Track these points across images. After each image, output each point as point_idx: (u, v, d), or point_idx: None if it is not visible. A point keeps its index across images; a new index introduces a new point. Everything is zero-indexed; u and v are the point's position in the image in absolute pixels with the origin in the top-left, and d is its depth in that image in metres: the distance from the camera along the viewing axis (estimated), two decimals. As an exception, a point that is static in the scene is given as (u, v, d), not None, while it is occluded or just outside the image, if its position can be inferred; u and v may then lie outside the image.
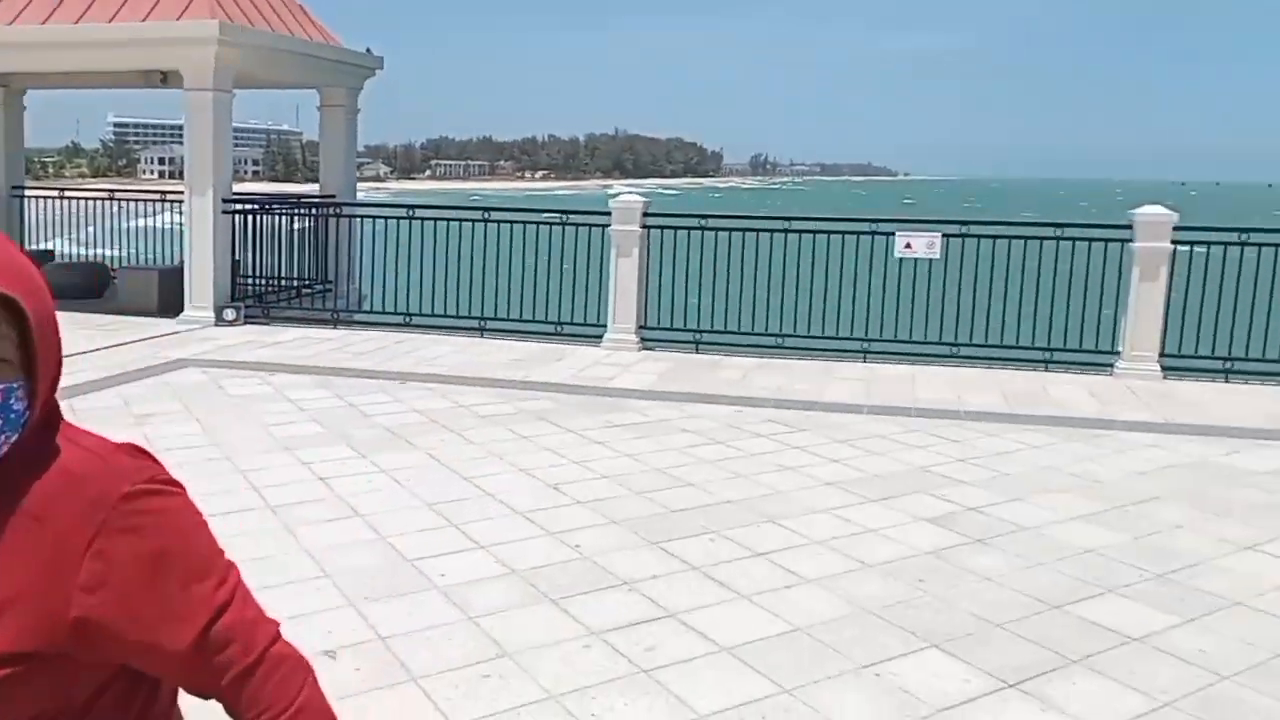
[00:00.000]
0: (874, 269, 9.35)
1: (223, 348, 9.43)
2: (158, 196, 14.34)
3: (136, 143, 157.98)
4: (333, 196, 12.91)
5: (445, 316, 10.59)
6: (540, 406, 7.58)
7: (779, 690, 3.47)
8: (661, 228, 10.08)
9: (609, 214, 10.02)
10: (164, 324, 10.71)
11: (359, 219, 12.39)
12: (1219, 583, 4.50)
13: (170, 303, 11.48)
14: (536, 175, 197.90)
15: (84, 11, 10.89)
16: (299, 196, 12.93)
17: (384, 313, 11.03)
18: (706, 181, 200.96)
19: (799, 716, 3.32)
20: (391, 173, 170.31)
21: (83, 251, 14.84)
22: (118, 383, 7.92)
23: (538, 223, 10.47)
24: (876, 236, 9.44)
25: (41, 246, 14.68)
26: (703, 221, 9.95)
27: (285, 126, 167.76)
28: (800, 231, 9.69)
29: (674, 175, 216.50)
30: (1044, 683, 3.58)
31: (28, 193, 14.79)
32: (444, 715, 3.24)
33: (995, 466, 6.23)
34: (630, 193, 10.20)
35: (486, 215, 10.49)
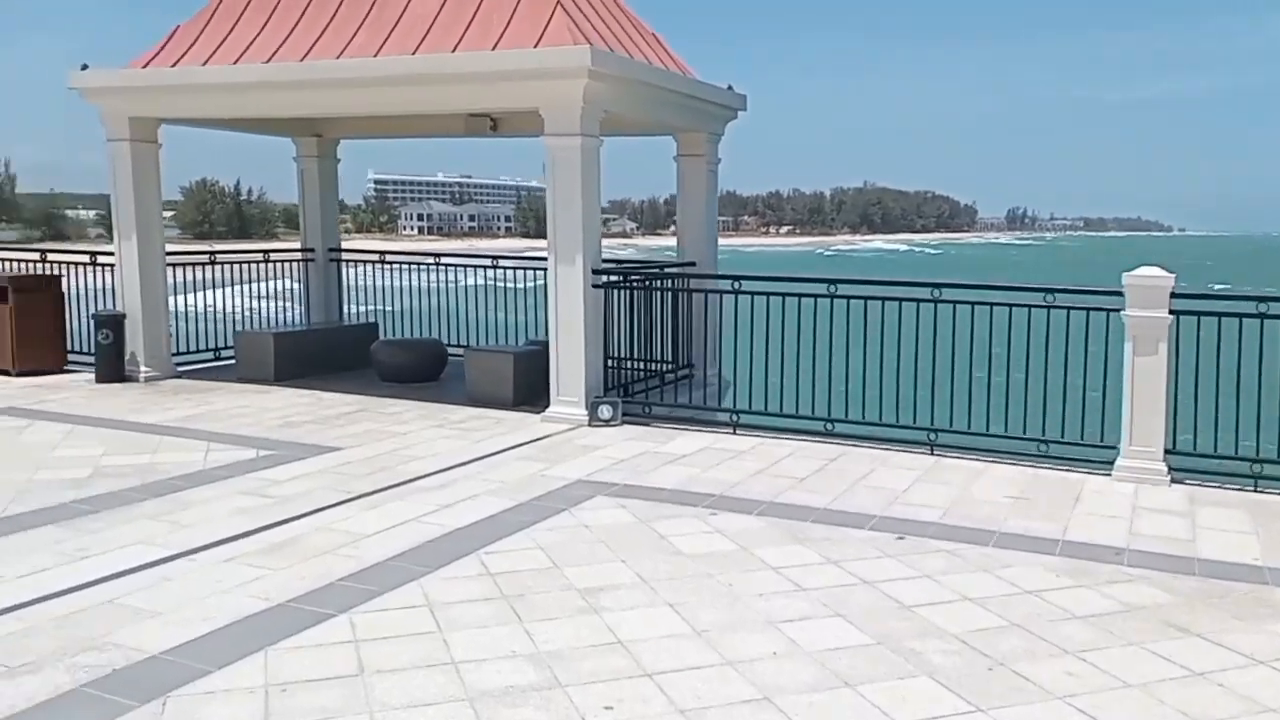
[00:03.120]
0: None
1: (620, 464, 7.33)
2: (489, 262, 12.79)
3: (396, 199, 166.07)
4: (693, 264, 10.87)
5: (879, 425, 8.11)
6: (1145, 597, 4.92)
7: None
8: (1198, 313, 7.26)
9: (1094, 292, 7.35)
10: (528, 422, 8.82)
11: (721, 293, 10.01)
12: None
13: (526, 393, 9.65)
14: (781, 230, 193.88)
15: (419, 42, 9.25)
16: (661, 265, 10.89)
17: (776, 414, 8.59)
18: (961, 237, 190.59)
19: None
20: (638, 228, 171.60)
21: (374, 310, 13.35)
22: (521, 523, 5.85)
23: (992, 304, 7.82)
24: None
25: (346, 315, 13.41)
26: (1263, 307, 7.04)
27: (534, 183, 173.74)
28: None
29: (924, 230, 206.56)
30: None
31: (345, 256, 13.64)
32: None
33: None
34: (1150, 267, 7.37)
35: (937, 294, 7.94)
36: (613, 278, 9.38)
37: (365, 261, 13.55)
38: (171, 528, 5.70)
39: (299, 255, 13.17)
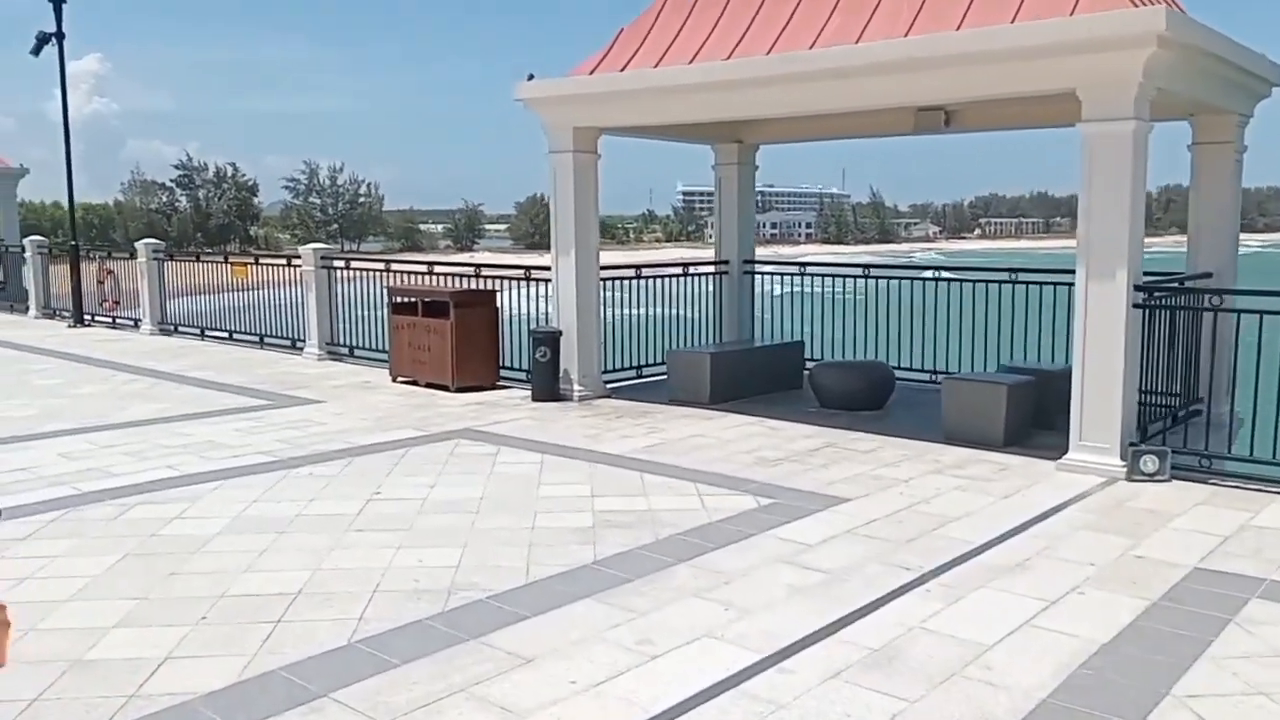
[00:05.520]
0: None
1: (1227, 542, 5.64)
2: (931, 275, 11.33)
3: (702, 209, 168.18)
4: (1209, 275, 8.86)
5: None
6: None
7: None
8: None
9: None
10: (1039, 469, 7.39)
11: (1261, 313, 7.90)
12: None
13: (1016, 431, 8.17)
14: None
15: (910, 24, 7.86)
16: (1181, 277, 8.90)
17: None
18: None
19: None
20: (940, 232, 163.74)
21: (781, 332, 12.19)
22: (1190, 642, 4.30)
23: None
24: None
25: (754, 333, 12.39)
26: None
27: (834, 189, 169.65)
28: None
29: (1274, 229, 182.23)
30: None
31: (758, 267, 12.63)
32: None
33: None
34: None
35: None
36: (1144, 295, 7.58)
37: (782, 273, 12.50)
38: (728, 612, 4.66)
39: (712, 268, 12.33)
